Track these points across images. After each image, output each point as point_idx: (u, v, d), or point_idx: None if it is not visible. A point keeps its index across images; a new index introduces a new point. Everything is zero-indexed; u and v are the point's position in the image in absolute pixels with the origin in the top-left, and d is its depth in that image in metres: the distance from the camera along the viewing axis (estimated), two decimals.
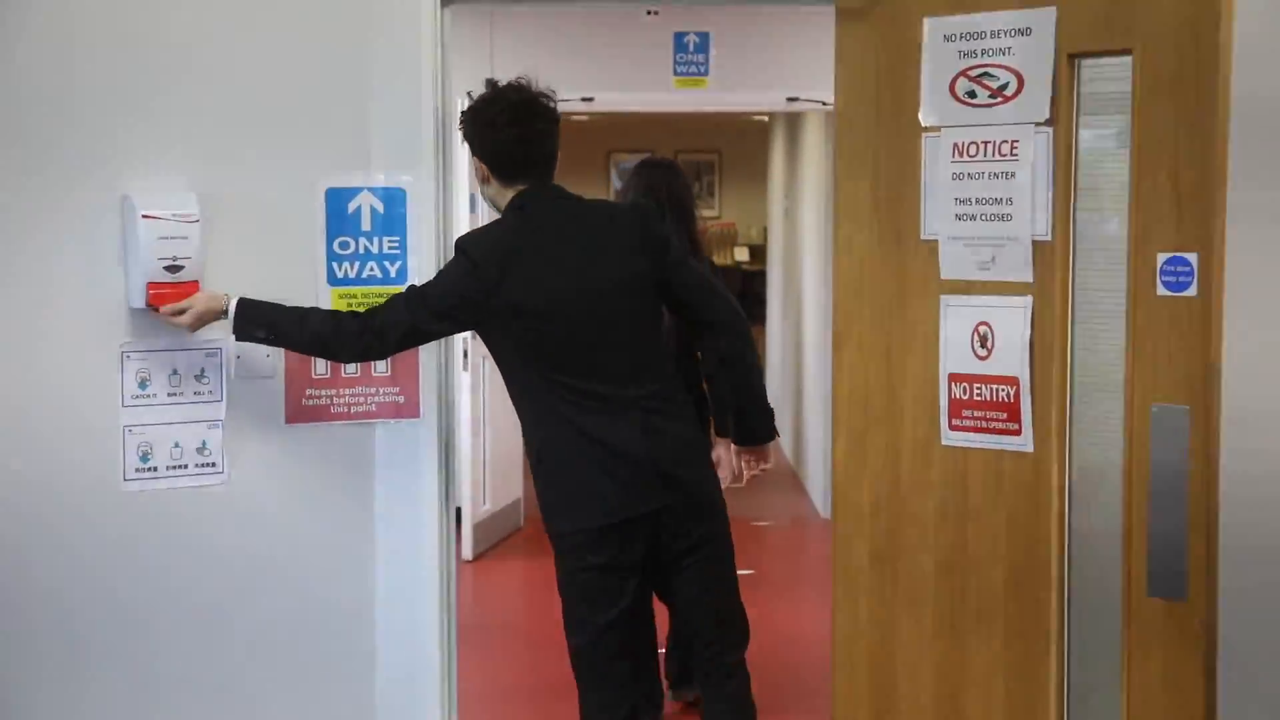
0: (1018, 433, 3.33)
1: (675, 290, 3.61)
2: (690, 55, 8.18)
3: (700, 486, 3.65)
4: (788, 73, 8.13)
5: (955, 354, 3.42)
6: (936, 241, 3.44)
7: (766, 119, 21.51)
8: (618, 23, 8.14)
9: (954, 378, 3.42)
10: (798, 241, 10.30)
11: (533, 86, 3.57)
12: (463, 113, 3.58)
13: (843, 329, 3.65)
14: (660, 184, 5.02)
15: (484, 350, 3.87)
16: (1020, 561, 3.33)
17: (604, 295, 3.46)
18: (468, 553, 7.47)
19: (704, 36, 8.17)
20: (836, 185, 3.68)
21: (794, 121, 10.53)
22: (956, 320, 3.41)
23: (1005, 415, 3.34)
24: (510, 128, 3.49)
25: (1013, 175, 3.31)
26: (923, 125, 3.45)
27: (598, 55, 8.18)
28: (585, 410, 3.44)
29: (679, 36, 8.17)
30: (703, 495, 3.66)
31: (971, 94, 3.37)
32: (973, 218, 3.37)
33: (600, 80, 8.15)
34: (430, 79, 3.68)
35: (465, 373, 7.41)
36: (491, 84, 3.60)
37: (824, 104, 7.99)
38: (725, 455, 4.64)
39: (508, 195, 3.54)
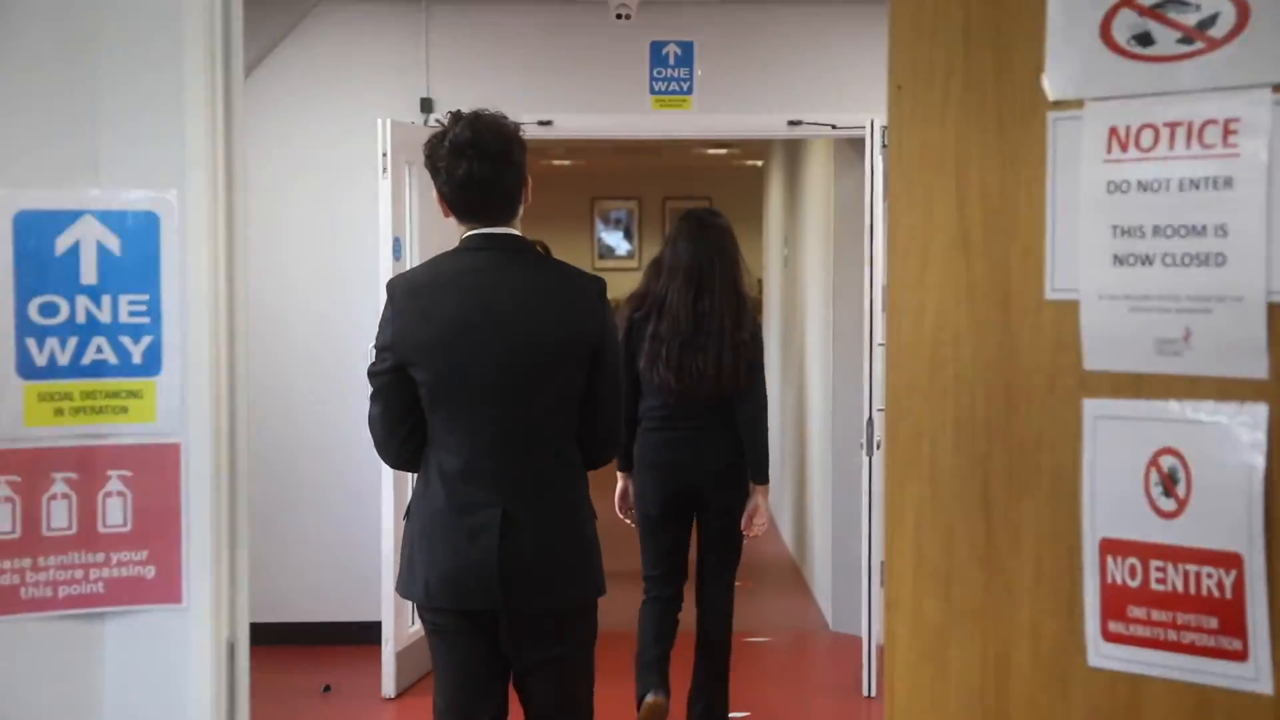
0: (1240, 655, 1.82)
1: (591, 389, 3.29)
2: (670, 70, 6.71)
3: (547, 603, 3.26)
4: (788, 91, 6.66)
5: (1114, 504, 1.92)
6: (1076, 303, 1.94)
7: (760, 163, 20.26)
8: (582, 29, 6.67)
9: (1112, 546, 1.92)
10: (799, 295, 8.80)
11: (488, 118, 3.26)
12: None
13: (902, 448, 2.13)
14: (704, 239, 5.02)
15: None
16: None
17: (505, 353, 3.18)
18: (389, 689, 5.93)
19: (687, 47, 6.71)
20: (890, 209, 2.18)
21: (794, 155, 9.06)
22: (1116, 443, 1.92)
23: (1215, 621, 1.83)
24: (453, 168, 3.21)
25: (1228, 183, 1.80)
26: (1049, 98, 1.96)
27: (558, 69, 6.71)
28: (448, 480, 3.21)
29: (657, 47, 6.71)
30: (545, 612, 3.28)
31: (1144, 38, 1.88)
32: (1148, 261, 1.87)
33: (560, 99, 6.68)
34: (203, 34, 2.17)
35: None
36: (453, 115, 3.29)
37: (834, 128, 6.53)
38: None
39: (463, 233, 3.30)
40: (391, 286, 3.25)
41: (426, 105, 6.60)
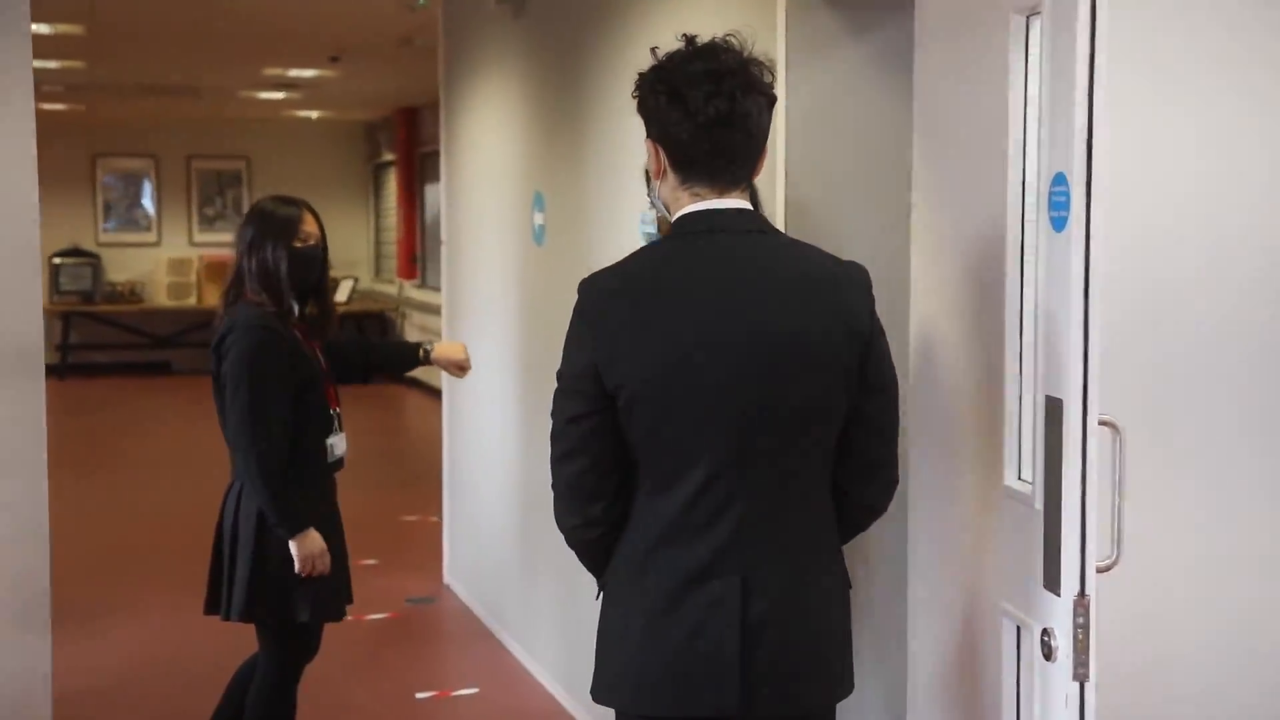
0: None
1: (854, 421, 2.56)
2: None
3: (800, 707, 2.59)
4: None
5: None
6: None
7: (315, 115, 17.54)
8: None
9: None
10: (468, 267, 6.57)
11: (738, 48, 2.52)
12: (642, 75, 2.54)
13: None
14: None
15: None
16: None
17: (761, 373, 2.47)
18: None
19: None
20: None
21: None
22: None
23: None
24: (705, 100, 2.46)
25: None
26: None
27: None
28: (667, 543, 2.52)
29: None
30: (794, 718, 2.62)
31: None
32: None
33: None
34: None
35: None
36: (688, 39, 2.51)
37: None
38: None
39: (681, 201, 2.56)
40: (586, 289, 2.52)
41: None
